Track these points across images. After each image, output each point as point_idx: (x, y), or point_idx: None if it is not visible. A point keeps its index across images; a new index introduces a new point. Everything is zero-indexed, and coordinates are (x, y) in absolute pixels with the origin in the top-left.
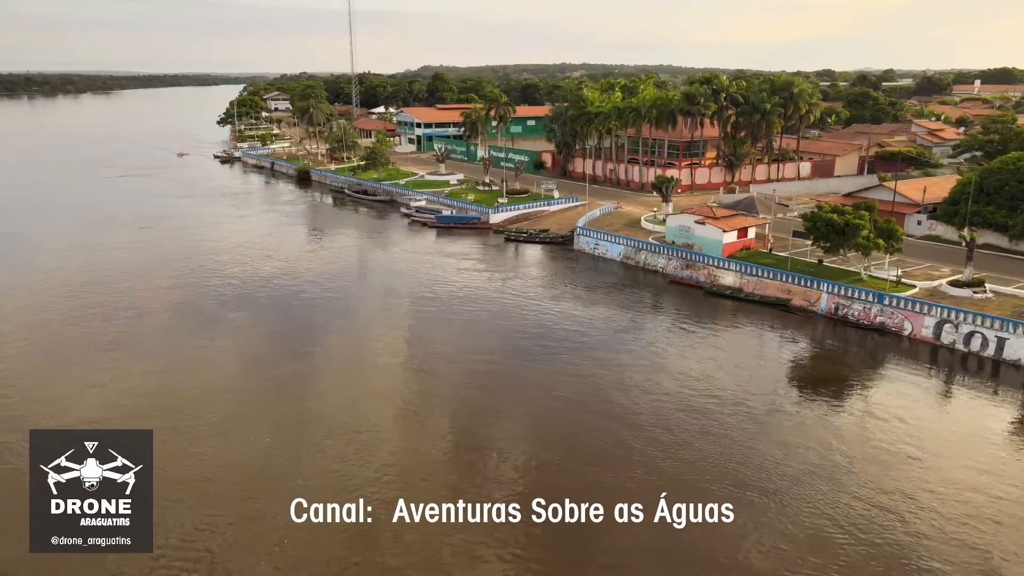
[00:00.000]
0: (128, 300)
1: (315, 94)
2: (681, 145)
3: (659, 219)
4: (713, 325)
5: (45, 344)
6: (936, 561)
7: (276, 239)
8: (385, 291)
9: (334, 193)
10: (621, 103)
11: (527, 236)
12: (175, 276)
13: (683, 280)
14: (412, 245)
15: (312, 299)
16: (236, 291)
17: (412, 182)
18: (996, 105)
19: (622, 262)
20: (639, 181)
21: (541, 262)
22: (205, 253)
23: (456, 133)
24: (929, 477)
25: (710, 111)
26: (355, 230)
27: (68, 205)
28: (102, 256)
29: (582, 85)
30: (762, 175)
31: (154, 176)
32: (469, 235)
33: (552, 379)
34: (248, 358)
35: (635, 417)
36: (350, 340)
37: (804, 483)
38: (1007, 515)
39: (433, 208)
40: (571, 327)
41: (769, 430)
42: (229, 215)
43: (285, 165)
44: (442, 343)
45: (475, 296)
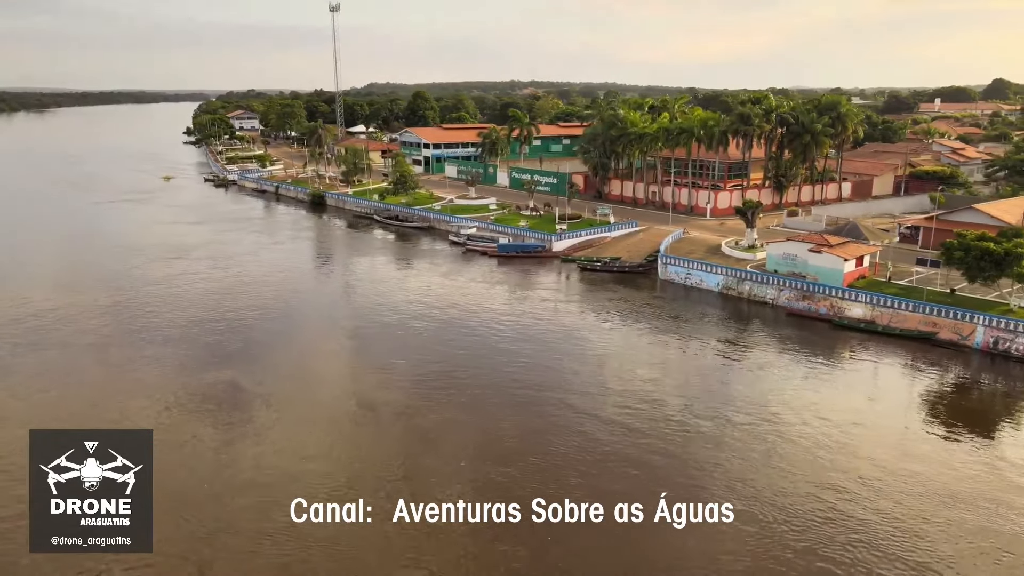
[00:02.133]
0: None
1: (296, 113)
2: (727, 166)
3: (744, 246)
4: (854, 361)
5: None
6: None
7: (336, 271)
8: (487, 332)
9: (359, 219)
10: (670, 123)
11: (603, 265)
12: (275, 314)
13: (801, 312)
14: (478, 276)
15: (432, 335)
16: (355, 329)
17: (447, 207)
18: (975, 123)
19: (722, 293)
20: (687, 204)
21: (629, 294)
22: (276, 287)
23: (466, 154)
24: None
25: (764, 131)
26: (411, 260)
27: (81, 235)
28: (162, 291)
29: (614, 104)
30: (807, 196)
31: (148, 202)
32: (533, 264)
33: (726, 432)
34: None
35: (847, 482)
36: (507, 385)
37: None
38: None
39: (488, 236)
40: (710, 371)
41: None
42: (261, 243)
43: (293, 189)
44: (579, 394)
45: (580, 337)
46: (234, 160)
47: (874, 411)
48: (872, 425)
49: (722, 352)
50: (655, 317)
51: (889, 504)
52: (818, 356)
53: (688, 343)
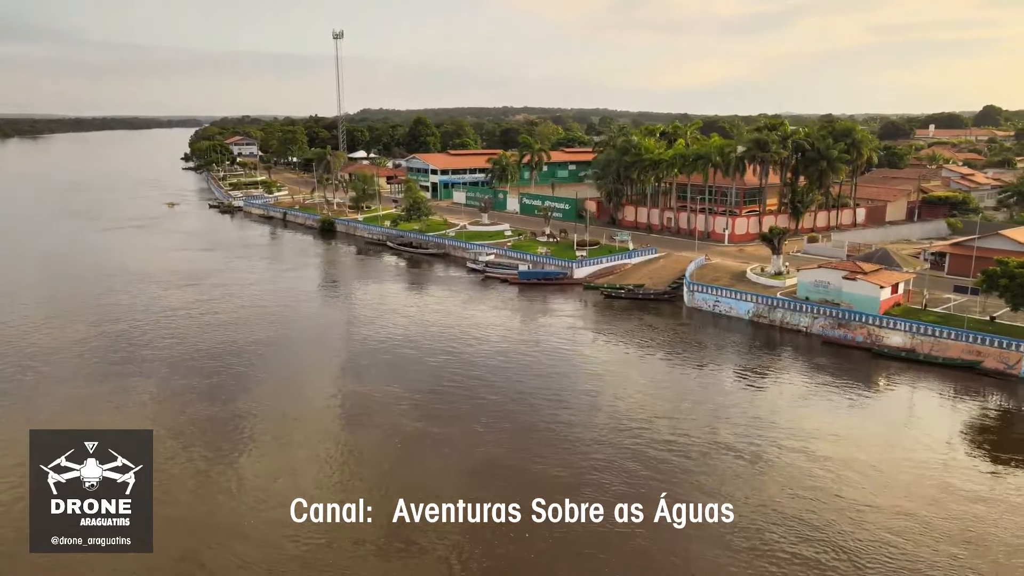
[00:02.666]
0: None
1: (297, 139)
2: (742, 192)
3: (770, 272)
4: (896, 390)
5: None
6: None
7: (354, 298)
8: (513, 362)
9: (371, 246)
10: (686, 150)
11: (627, 292)
12: (295, 343)
13: (837, 340)
14: (499, 303)
15: (454, 364)
16: (374, 357)
17: (461, 233)
18: (972, 148)
19: (752, 321)
20: (703, 230)
21: (656, 322)
22: (295, 315)
23: (474, 180)
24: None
25: (781, 157)
26: (429, 287)
27: (92, 263)
28: (180, 319)
29: (625, 131)
30: (822, 222)
31: (154, 228)
32: (555, 291)
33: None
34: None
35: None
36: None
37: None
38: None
39: (507, 263)
40: (748, 399)
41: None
42: (274, 271)
43: (301, 215)
44: (614, 428)
45: (609, 367)
46: (237, 186)
47: (918, 440)
48: (913, 453)
49: (758, 380)
50: (685, 345)
51: (925, 538)
52: (858, 385)
53: (721, 371)
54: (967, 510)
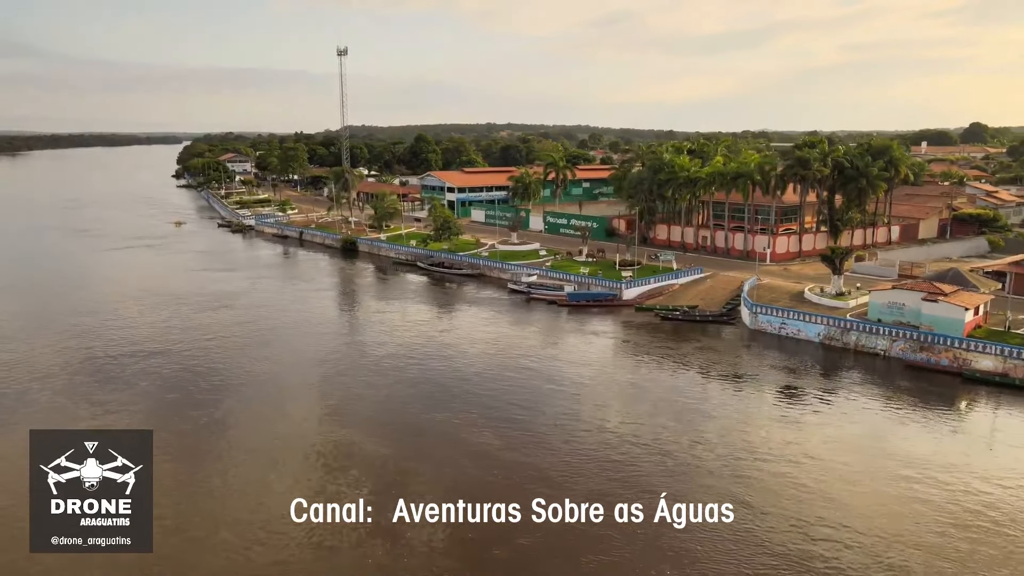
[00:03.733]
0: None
1: (299, 156)
2: (778, 210)
3: (831, 293)
4: (993, 416)
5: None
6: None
7: (397, 322)
8: (581, 393)
9: (399, 266)
10: (724, 167)
11: (683, 314)
12: (346, 367)
13: (920, 364)
14: (552, 326)
15: (516, 395)
16: (432, 384)
17: (494, 253)
18: (972, 165)
19: (823, 344)
20: (742, 248)
21: (720, 345)
22: (340, 339)
23: (490, 198)
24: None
25: (823, 175)
26: (472, 310)
27: (115, 282)
28: (219, 341)
29: (653, 148)
30: (858, 240)
31: (166, 247)
32: (605, 313)
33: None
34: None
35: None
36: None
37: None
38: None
39: (551, 283)
40: (841, 429)
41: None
42: (304, 291)
43: (320, 235)
44: (714, 459)
45: (689, 397)
46: (246, 204)
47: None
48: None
49: (849, 407)
50: (757, 369)
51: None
52: (954, 411)
53: (805, 396)
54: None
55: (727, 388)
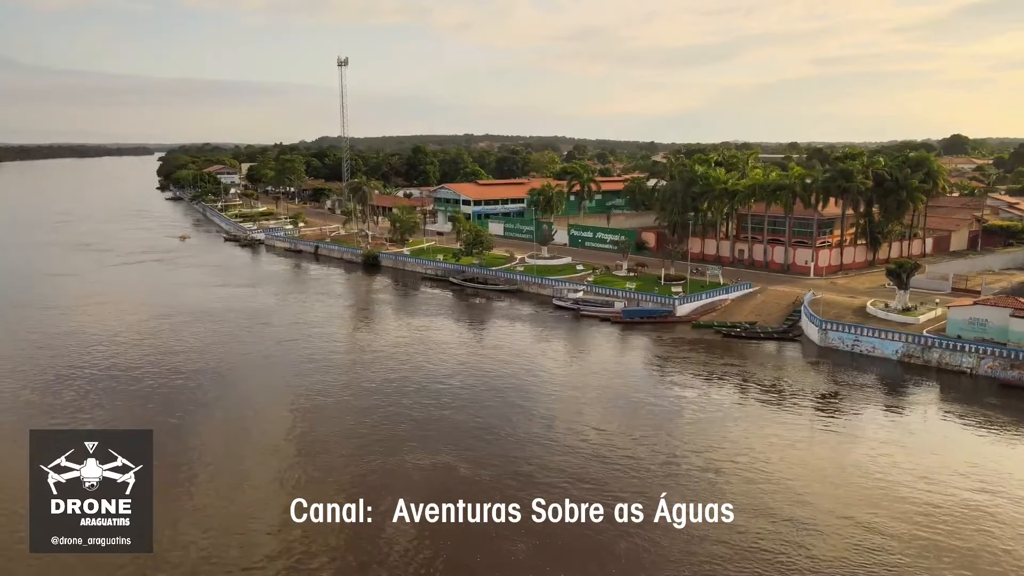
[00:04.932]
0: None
1: (296, 168)
2: (816, 223)
3: (897, 308)
4: None
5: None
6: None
7: (448, 341)
8: (661, 413)
9: (428, 281)
10: (764, 180)
11: (744, 330)
12: (413, 391)
13: (1013, 383)
14: (612, 345)
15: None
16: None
17: (529, 267)
18: (969, 176)
19: (901, 361)
20: (781, 262)
21: (791, 362)
22: (400, 363)
23: (506, 211)
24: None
25: (866, 188)
26: (520, 327)
27: (140, 300)
28: (269, 362)
29: (683, 161)
30: (894, 252)
31: (176, 262)
32: (662, 330)
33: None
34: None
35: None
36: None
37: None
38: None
39: (600, 300)
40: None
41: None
42: (336, 308)
43: (337, 249)
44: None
45: (775, 422)
46: (253, 218)
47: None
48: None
49: (948, 430)
50: (845, 390)
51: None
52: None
53: (900, 418)
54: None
55: (822, 411)
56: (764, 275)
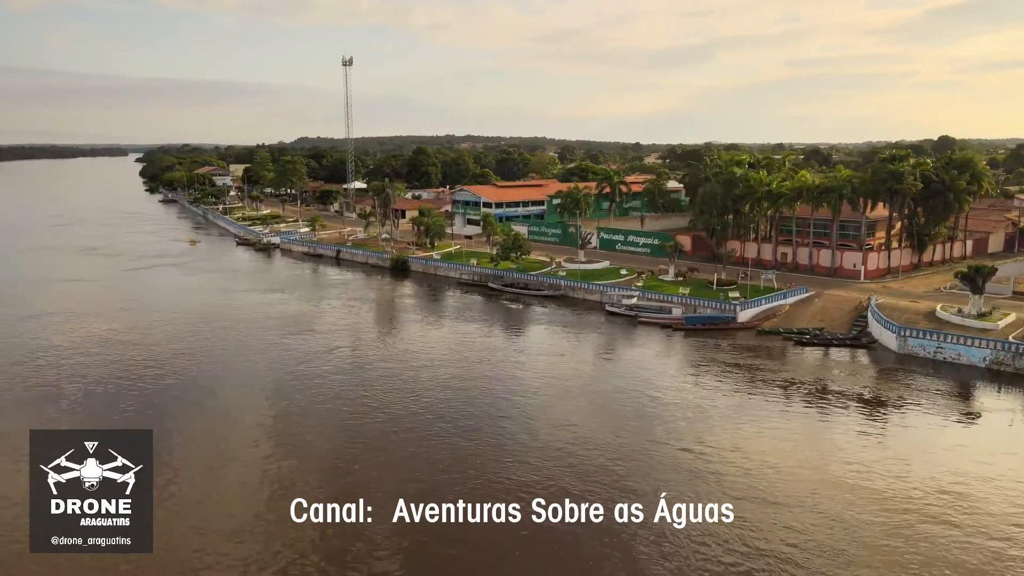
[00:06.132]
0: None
1: (298, 170)
2: (860, 226)
3: (972, 313)
4: None
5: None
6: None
7: (514, 352)
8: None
9: (464, 286)
10: (810, 182)
11: (814, 337)
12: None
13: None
14: (674, 353)
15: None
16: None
17: (573, 272)
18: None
19: (989, 369)
20: (828, 265)
21: (880, 373)
22: (481, 380)
23: (527, 213)
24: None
25: (916, 190)
26: (576, 333)
27: (168, 305)
28: (334, 377)
29: (717, 163)
30: (938, 255)
31: (193, 267)
32: (723, 337)
33: None
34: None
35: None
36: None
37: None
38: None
39: (655, 306)
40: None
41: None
42: (385, 318)
43: (361, 253)
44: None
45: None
46: (263, 221)
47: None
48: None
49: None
50: (937, 398)
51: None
52: None
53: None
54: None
55: (940, 423)
56: (811, 279)
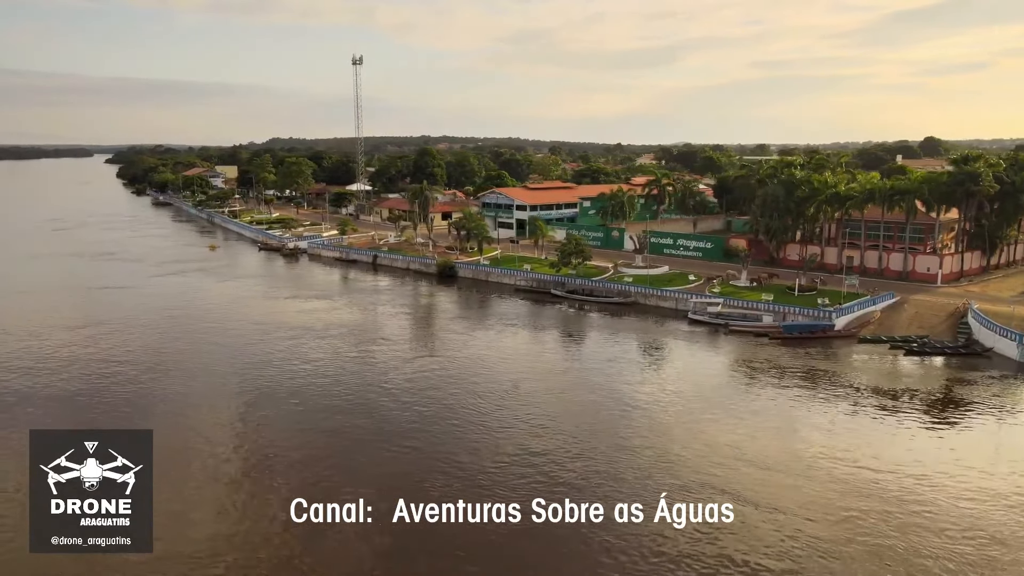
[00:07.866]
0: None
1: (303, 171)
2: (935, 228)
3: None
4: None
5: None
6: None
7: (600, 354)
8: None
9: (521, 293)
10: (880, 184)
11: (926, 346)
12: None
13: None
14: (782, 366)
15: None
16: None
17: (640, 278)
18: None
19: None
20: (899, 269)
21: (1015, 387)
22: (587, 402)
23: (560, 216)
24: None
25: (993, 191)
26: (670, 344)
27: (222, 315)
28: (431, 392)
29: (776, 166)
30: (1003, 257)
31: (223, 272)
32: (823, 345)
33: None
34: None
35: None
36: None
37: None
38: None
39: (745, 313)
40: None
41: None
42: (452, 329)
43: (402, 259)
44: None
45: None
46: (283, 224)
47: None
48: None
49: None
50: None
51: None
52: None
53: None
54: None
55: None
56: (883, 283)
